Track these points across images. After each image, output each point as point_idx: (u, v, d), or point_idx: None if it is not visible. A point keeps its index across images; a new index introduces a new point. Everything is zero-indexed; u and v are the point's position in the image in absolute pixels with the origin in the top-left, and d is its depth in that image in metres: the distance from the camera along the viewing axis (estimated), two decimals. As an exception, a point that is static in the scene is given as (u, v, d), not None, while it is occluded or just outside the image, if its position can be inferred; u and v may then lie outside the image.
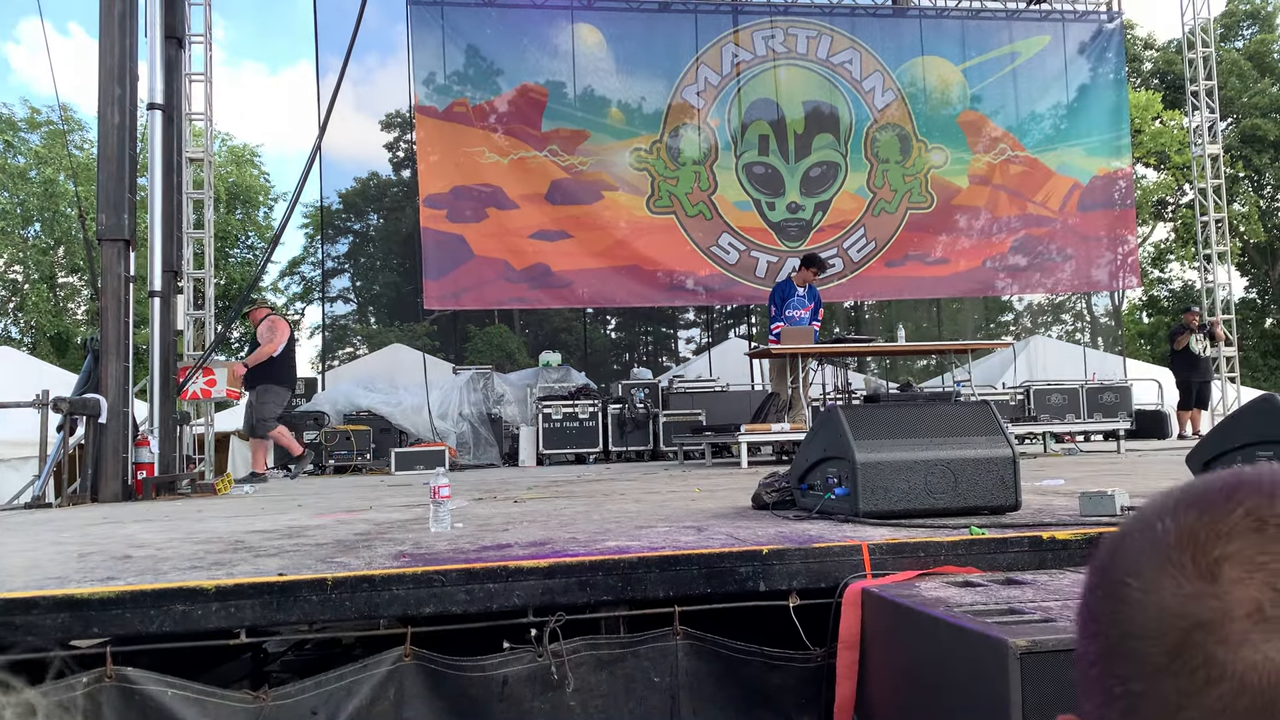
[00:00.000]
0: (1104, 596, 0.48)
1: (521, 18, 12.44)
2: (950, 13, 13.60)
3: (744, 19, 12.93)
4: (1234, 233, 25.12)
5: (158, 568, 2.53)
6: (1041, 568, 2.51)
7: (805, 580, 2.38)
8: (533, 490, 5.53)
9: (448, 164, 11.93)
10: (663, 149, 12.57)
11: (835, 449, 3.14)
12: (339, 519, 3.97)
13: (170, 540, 3.30)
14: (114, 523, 4.25)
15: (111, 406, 6.38)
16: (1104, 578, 0.49)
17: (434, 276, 11.85)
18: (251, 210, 29.77)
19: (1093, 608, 0.49)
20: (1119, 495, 2.92)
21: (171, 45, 7.51)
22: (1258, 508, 0.45)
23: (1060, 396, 12.33)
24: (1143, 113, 26.55)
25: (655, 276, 12.44)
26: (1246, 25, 31.75)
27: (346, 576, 2.24)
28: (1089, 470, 5.74)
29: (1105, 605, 0.48)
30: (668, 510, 3.70)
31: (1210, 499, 0.47)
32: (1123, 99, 14.15)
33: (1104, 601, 0.48)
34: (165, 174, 7.24)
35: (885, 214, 13.05)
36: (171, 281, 7.42)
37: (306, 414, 10.94)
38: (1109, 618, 0.47)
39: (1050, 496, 3.78)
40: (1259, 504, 0.45)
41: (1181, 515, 0.47)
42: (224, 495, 6.94)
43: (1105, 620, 0.48)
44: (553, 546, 2.61)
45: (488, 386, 11.69)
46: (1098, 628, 0.48)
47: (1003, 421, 3.21)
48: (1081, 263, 13.74)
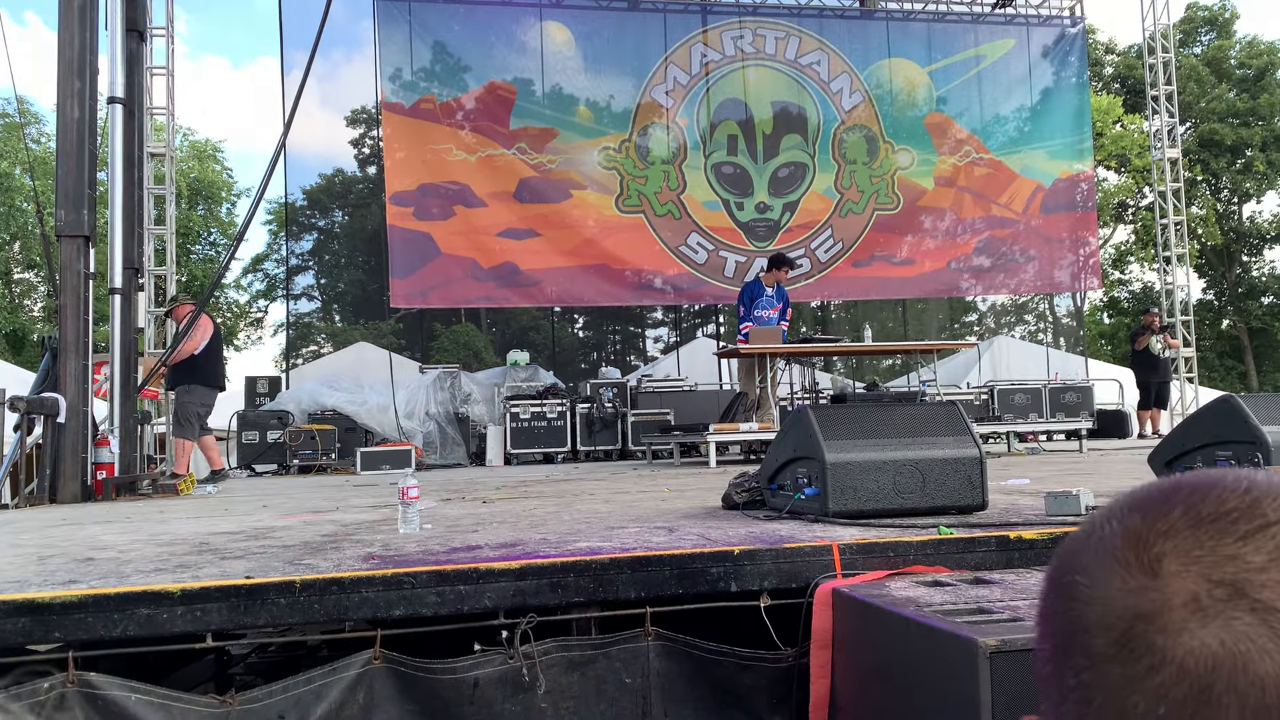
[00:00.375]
0: (1057, 596, 0.51)
1: (489, 15, 12.37)
2: (916, 15, 13.72)
3: (713, 19, 12.95)
4: (1192, 235, 25.56)
5: (121, 570, 2.49)
6: (1009, 567, 2.54)
7: (776, 580, 2.39)
8: (502, 490, 5.50)
9: (415, 161, 11.83)
10: (631, 148, 12.57)
11: (805, 449, 3.15)
12: (305, 520, 3.93)
13: (133, 542, 3.24)
14: (74, 524, 4.18)
15: (70, 405, 6.27)
16: (1057, 578, 0.52)
17: (401, 275, 11.75)
18: (214, 206, 29.35)
19: (1048, 607, 0.52)
20: (1084, 495, 2.96)
21: (133, 38, 7.38)
22: (1193, 506, 0.48)
23: (1024, 396, 12.49)
24: (1104, 116, 26.96)
25: (624, 276, 12.44)
26: (1205, 31, 32.34)
27: (315, 579, 2.21)
28: (1053, 469, 5.82)
29: (1058, 604, 0.51)
30: (638, 510, 3.70)
31: (1151, 500, 0.50)
32: (1085, 102, 14.35)
33: (1057, 600, 0.51)
34: (126, 169, 7.12)
35: (852, 214, 13.15)
36: (132, 278, 7.30)
37: (270, 413, 10.81)
38: (1063, 615, 0.50)
39: (1016, 496, 3.83)
40: (1194, 503, 0.48)
41: (1126, 516, 0.50)
42: (187, 496, 6.84)
43: (1059, 618, 0.50)
44: (524, 548, 2.60)
45: (455, 386, 11.61)
46: (1053, 626, 0.51)
47: (969, 421, 3.24)
48: (1044, 264, 13.93)
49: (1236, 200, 32.51)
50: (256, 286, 31.45)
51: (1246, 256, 33.02)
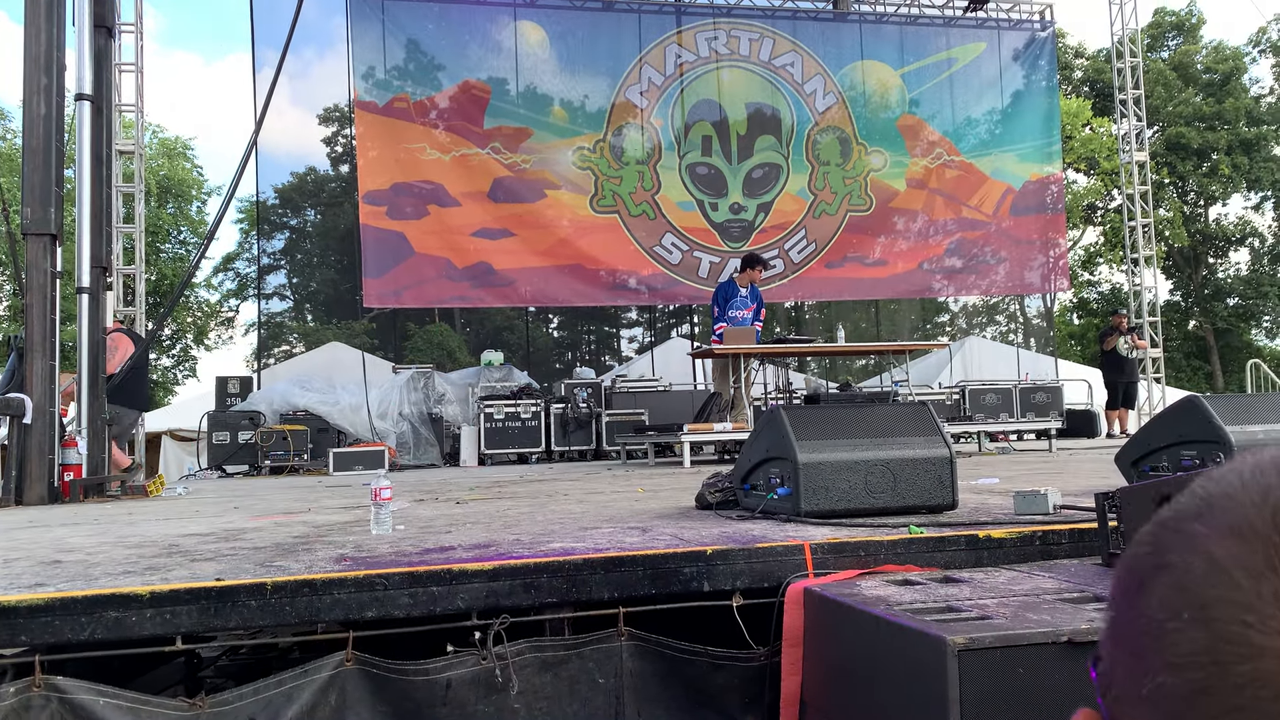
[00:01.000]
0: (1191, 626, 0.42)
1: (464, 14, 12.33)
2: (889, 18, 13.82)
3: (687, 20, 12.99)
4: (1159, 237, 25.92)
5: (89, 573, 2.46)
6: (978, 565, 2.57)
7: (749, 580, 2.41)
8: (475, 491, 5.49)
9: (388, 160, 11.77)
10: (606, 148, 12.57)
11: (778, 449, 3.17)
12: (277, 521, 3.90)
13: (101, 545, 3.21)
14: (41, 526, 4.12)
15: (37, 406, 6.18)
16: (1185, 599, 0.42)
17: (374, 274, 11.68)
18: (184, 204, 29.04)
19: (1158, 630, 0.43)
20: (1051, 494, 3.00)
21: (101, 34, 7.27)
22: None
23: (994, 396, 12.61)
24: (1073, 119, 27.28)
25: (598, 276, 12.44)
26: (1172, 36, 32.81)
27: (287, 581, 2.20)
28: (1023, 469, 5.88)
29: (1194, 636, 0.42)
30: (612, 511, 3.70)
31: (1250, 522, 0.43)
32: (1054, 105, 14.52)
33: (1192, 631, 0.42)
34: (94, 167, 7.02)
35: (826, 216, 13.22)
36: (100, 277, 7.21)
37: (241, 413, 10.71)
38: (1205, 656, 0.41)
39: (986, 495, 3.87)
40: None
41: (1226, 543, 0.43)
42: (156, 497, 6.77)
43: (1196, 657, 0.41)
44: (497, 549, 2.60)
45: (428, 386, 11.56)
46: (1171, 656, 0.42)
47: (940, 422, 3.28)
48: (1014, 266, 14.08)
49: (1203, 203, 33.01)
50: (227, 286, 31.16)
51: (1212, 259, 33.53)
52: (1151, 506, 2.26)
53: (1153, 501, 2.25)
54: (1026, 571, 2.40)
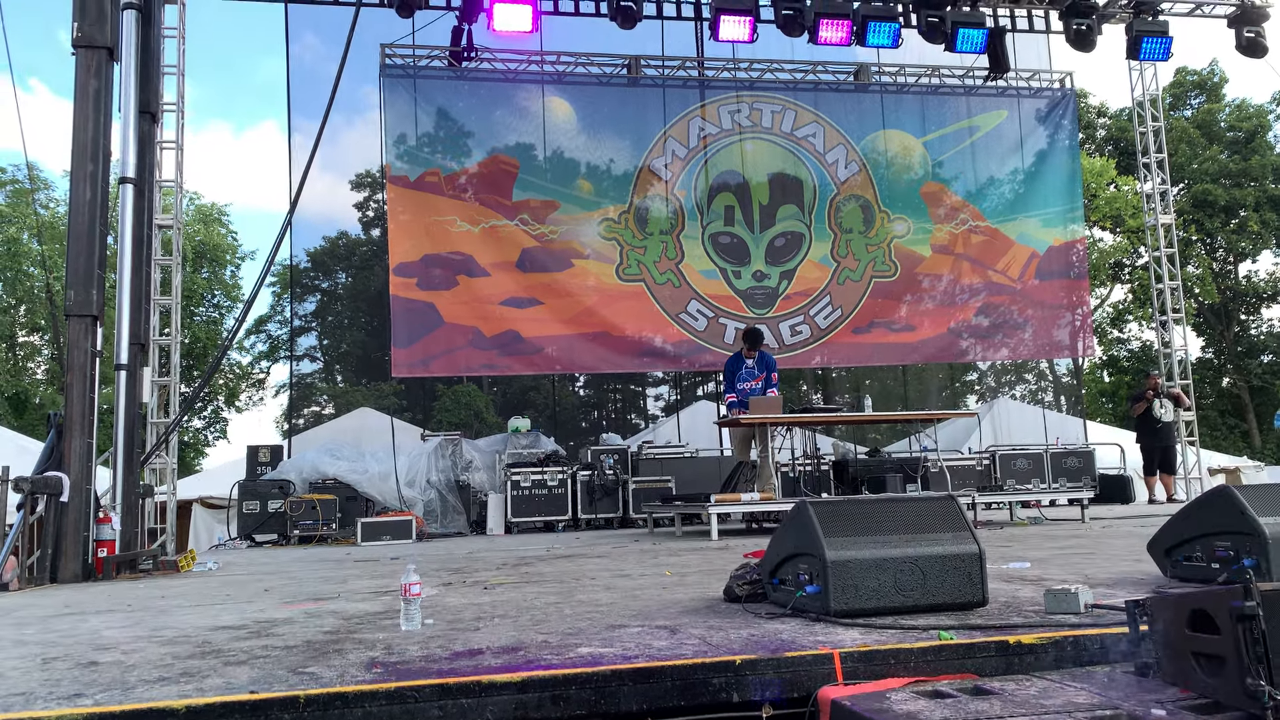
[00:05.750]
0: None
1: (492, 90, 12.65)
2: (910, 88, 14.00)
3: (711, 94, 13.24)
4: (1188, 294, 25.77)
5: (125, 679, 2.50)
6: (1009, 672, 2.55)
7: (777, 691, 2.41)
8: (502, 571, 5.50)
9: (419, 233, 12.01)
10: (630, 218, 12.75)
11: (806, 545, 3.18)
12: (307, 610, 3.93)
13: (136, 639, 3.25)
14: (77, 614, 4.18)
15: (74, 484, 6.29)
16: None
17: (403, 344, 11.84)
18: (218, 269, 29.62)
19: None
20: (1083, 593, 2.98)
21: (145, 119, 7.55)
22: None
23: (1025, 461, 12.49)
24: (1097, 178, 27.33)
25: (625, 342, 12.53)
26: (1194, 95, 32.90)
27: (319, 694, 2.23)
28: (1054, 546, 5.81)
29: None
30: (640, 603, 3.70)
31: None
32: (1076, 170, 14.58)
33: None
34: (135, 248, 7.23)
35: (850, 282, 13.28)
36: (138, 354, 7.37)
37: (271, 482, 10.81)
38: None
39: (1017, 584, 3.84)
40: None
41: None
42: (187, 573, 6.83)
43: None
44: (525, 654, 2.62)
45: (456, 453, 11.63)
46: None
47: (968, 518, 3.27)
48: (1041, 329, 14.04)
49: (1232, 259, 32.79)
50: (259, 348, 31.58)
51: (1244, 315, 33.19)
52: (1183, 618, 2.25)
53: (1184, 615, 2.23)
54: (1059, 681, 2.38)
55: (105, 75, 6.81)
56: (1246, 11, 11.11)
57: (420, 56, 12.52)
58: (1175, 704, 2.13)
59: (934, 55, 13.05)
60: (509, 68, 12.79)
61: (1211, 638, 2.12)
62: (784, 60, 13.40)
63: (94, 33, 6.76)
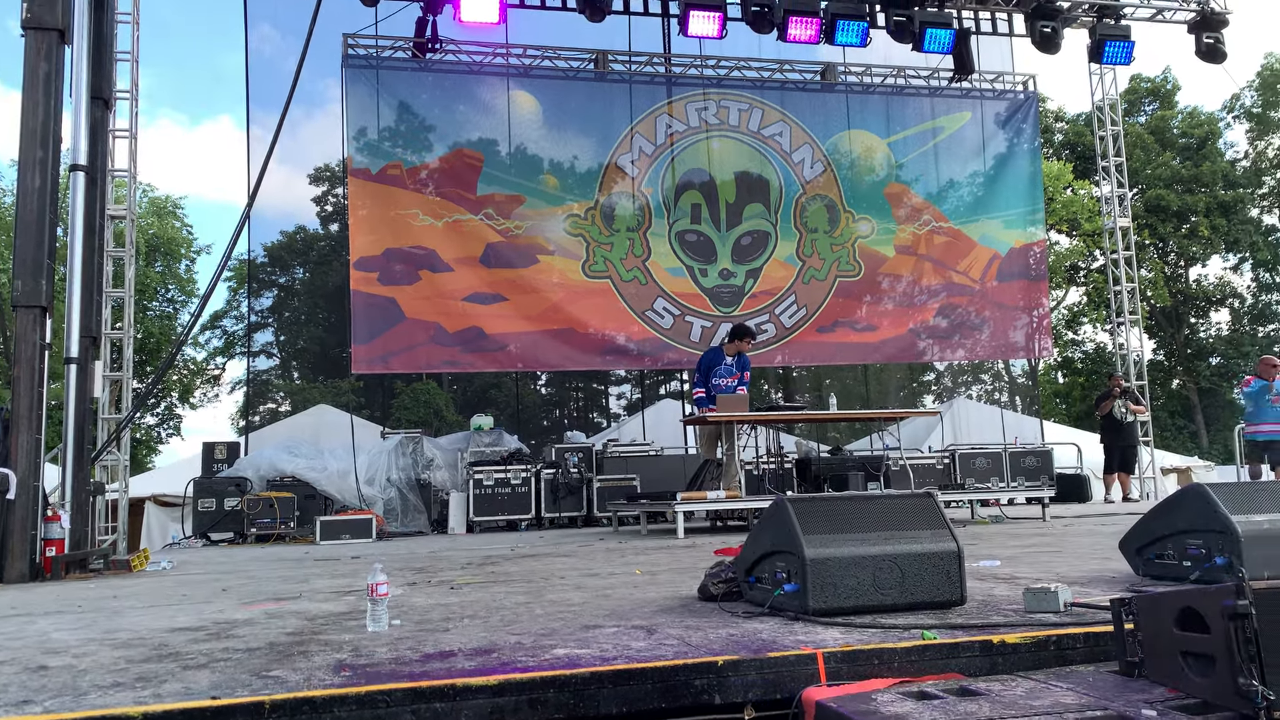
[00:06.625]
0: None
1: (457, 82, 12.48)
2: (876, 89, 14.05)
3: (678, 90, 13.17)
4: (1141, 297, 26.25)
5: (77, 684, 2.38)
6: (993, 672, 2.52)
7: (761, 692, 2.35)
8: (468, 570, 5.39)
9: (380, 227, 11.80)
10: (597, 215, 12.66)
11: (784, 543, 3.13)
12: (268, 611, 3.80)
13: (87, 642, 3.11)
14: (24, 616, 4.01)
15: (21, 480, 6.08)
16: None
17: (363, 340, 11.63)
18: (172, 262, 29.00)
19: None
20: (1062, 591, 2.96)
21: (98, 106, 7.32)
22: None
23: (985, 460, 12.59)
24: (1055, 182, 27.72)
25: (590, 339, 12.43)
26: (1149, 102, 33.54)
27: (286, 699, 2.13)
28: (1020, 545, 5.83)
29: None
30: (612, 602, 3.63)
31: None
32: (1037, 172, 14.74)
33: None
34: (86, 237, 7.00)
35: (815, 281, 13.31)
36: (89, 347, 7.15)
37: (229, 479, 10.57)
38: None
39: (991, 582, 3.82)
40: None
41: None
42: (140, 572, 6.63)
43: None
44: (499, 656, 2.53)
45: (417, 451, 11.46)
46: None
47: (946, 514, 3.24)
48: (999, 330, 14.17)
49: (1183, 264, 33.47)
50: (215, 343, 31.00)
51: (1194, 318, 33.90)
52: (1172, 617, 2.22)
53: (1173, 613, 2.21)
54: (1044, 681, 2.35)
55: (56, 59, 6.59)
56: (1207, 18, 11.29)
57: (383, 47, 12.32)
58: (1164, 704, 2.11)
59: (900, 56, 13.13)
60: (474, 60, 12.63)
61: (1202, 636, 2.10)
62: (751, 58, 13.39)
63: (44, 14, 6.54)
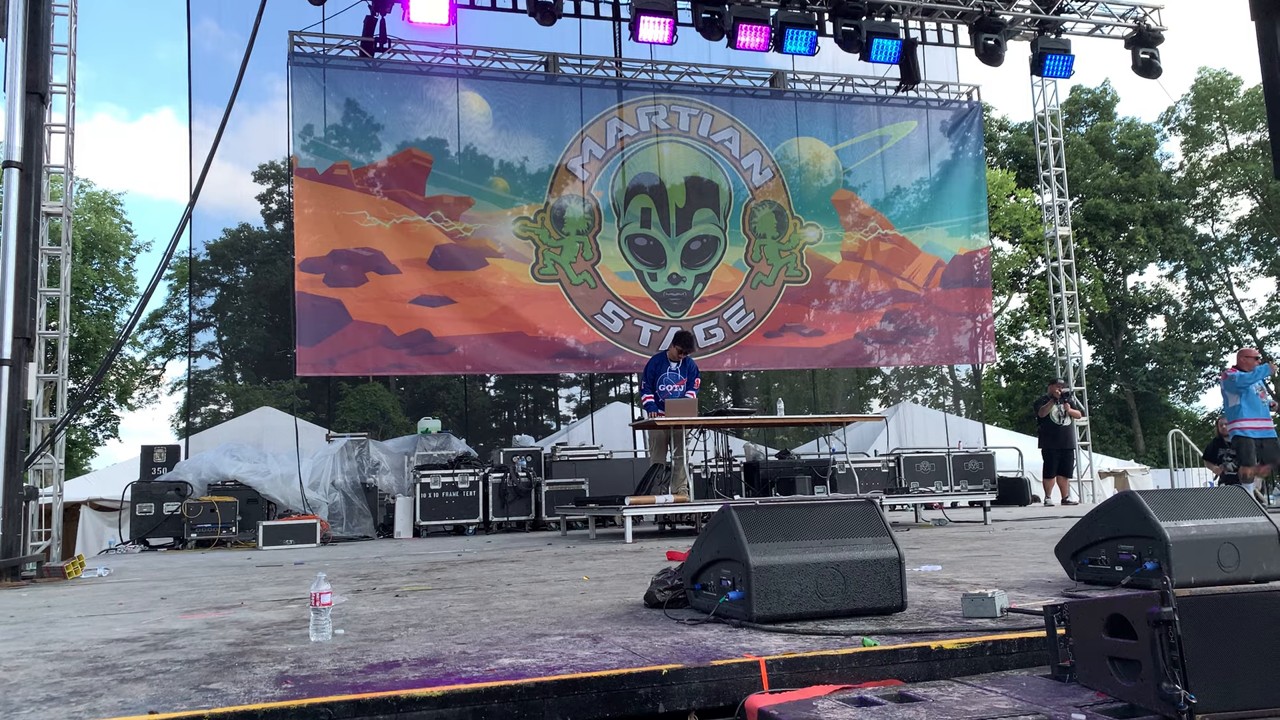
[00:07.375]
0: None
1: (405, 81, 12.38)
2: (824, 96, 14.23)
3: (628, 94, 13.21)
4: (1081, 304, 26.89)
5: (8, 700, 2.33)
6: (931, 677, 2.58)
7: (705, 700, 2.38)
8: (413, 577, 5.36)
9: (326, 227, 11.65)
10: (547, 218, 12.64)
11: (729, 551, 3.16)
12: (208, 620, 3.74)
13: (19, 655, 3.04)
14: (-49, 627, 3.90)
15: (-50, 486, 5.89)
16: None
17: (308, 342, 11.47)
18: (111, 260, 28.30)
19: None
20: (999, 597, 3.03)
21: (33, 100, 7.12)
22: None
23: (928, 464, 12.81)
24: (998, 190, 28.30)
25: (539, 343, 12.40)
26: (1089, 112, 34.37)
27: (225, 713, 2.10)
28: (961, 549, 5.95)
29: None
30: (559, 610, 3.64)
31: None
32: (981, 181, 15.04)
33: None
34: (20, 235, 6.81)
35: (763, 286, 13.43)
36: (23, 348, 6.95)
37: (168, 484, 10.35)
38: None
39: (931, 588, 3.89)
40: None
41: None
42: (75, 580, 6.47)
43: None
44: (444, 666, 2.53)
45: (363, 455, 11.33)
46: None
47: (888, 522, 3.30)
48: (943, 335, 14.43)
49: (1121, 271, 34.34)
50: (154, 343, 30.31)
51: (1131, 325, 34.81)
52: (1101, 623, 2.29)
53: (1102, 620, 2.28)
54: (980, 686, 2.40)
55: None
56: (1143, 34, 11.62)
57: (330, 45, 12.17)
58: (1093, 708, 2.17)
59: (847, 64, 13.31)
60: (423, 60, 12.54)
61: (1128, 642, 2.17)
62: (701, 64, 13.48)
63: (-22, 6, 6.35)
